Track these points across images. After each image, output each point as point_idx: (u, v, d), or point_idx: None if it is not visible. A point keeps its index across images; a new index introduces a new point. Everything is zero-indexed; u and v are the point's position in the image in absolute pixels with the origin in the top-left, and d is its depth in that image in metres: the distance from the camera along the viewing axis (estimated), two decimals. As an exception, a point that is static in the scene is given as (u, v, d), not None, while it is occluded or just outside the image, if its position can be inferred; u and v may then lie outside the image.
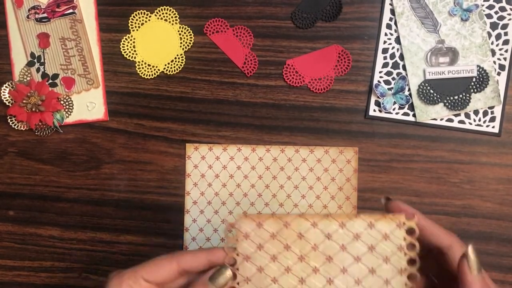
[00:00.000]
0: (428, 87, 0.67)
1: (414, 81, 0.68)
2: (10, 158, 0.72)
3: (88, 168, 0.71)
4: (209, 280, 0.41)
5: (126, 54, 0.70)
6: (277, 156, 0.69)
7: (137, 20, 0.70)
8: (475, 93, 0.67)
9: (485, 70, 0.67)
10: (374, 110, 0.68)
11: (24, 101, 0.69)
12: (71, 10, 0.70)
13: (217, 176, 0.70)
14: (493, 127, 0.67)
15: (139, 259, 0.70)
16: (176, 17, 0.70)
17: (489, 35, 0.67)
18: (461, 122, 0.68)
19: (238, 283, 0.40)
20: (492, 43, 0.67)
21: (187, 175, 0.70)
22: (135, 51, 0.70)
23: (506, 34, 0.67)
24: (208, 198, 0.70)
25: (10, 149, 0.72)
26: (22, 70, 0.71)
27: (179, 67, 0.70)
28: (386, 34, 0.68)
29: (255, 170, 0.69)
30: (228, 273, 0.40)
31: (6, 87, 0.71)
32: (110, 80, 0.71)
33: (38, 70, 0.70)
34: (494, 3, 0.67)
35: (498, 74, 0.67)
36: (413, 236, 0.39)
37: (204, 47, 0.70)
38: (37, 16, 0.70)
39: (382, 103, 0.68)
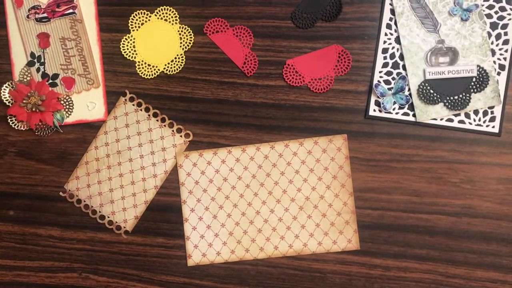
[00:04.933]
0: (428, 87, 0.67)
1: (414, 81, 0.68)
2: (10, 158, 0.72)
3: (88, 168, 0.71)
4: None
5: (126, 54, 0.70)
6: (268, 153, 0.69)
7: (137, 20, 0.70)
8: (475, 93, 0.67)
9: (485, 70, 0.67)
10: (374, 110, 0.68)
11: (24, 101, 0.69)
12: (71, 10, 0.70)
13: (211, 181, 0.70)
14: (493, 127, 0.67)
15: (139, 259, 0.71)
16: (176, 17, 0.70)
17: (489, 35, 0.67)
18: (461, 122, 0.68)
19: None
20: (492, 43, 0.67)
21: (181, 184, 0.70)
22: (135, 51, 0.71)
23: (506, 34, 0.67)
24: (205, 204, 0.70)
25: (10, 149, 0.72)
26: (22, 70, 0.71)
27: (179, 67, 0.70)
28: (386, 34, 0.68)
29: (248, 170, 0.69)
30: None
31: (6, 87, 0.71)
32: (110, 80, 0.71)
33: (38, 70, 0.70)
34: (494, 3, 0.67)
35: (498, 74, 0.67)
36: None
37: (204, 47, 0.70)
38: (37, 16, 0.70)
39: (382, 103, 0.68)
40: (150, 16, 0.70)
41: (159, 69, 0.70)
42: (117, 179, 0.69)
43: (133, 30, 0.71)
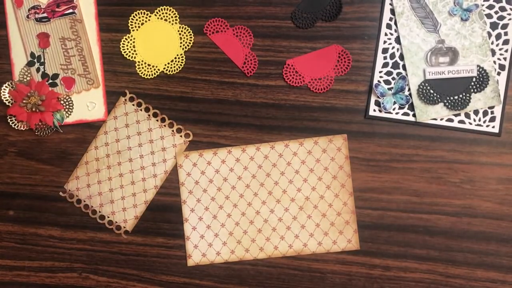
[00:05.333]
0: (428, 87, 0.67)
1: (414, 81, 0.68)
2: (10, 158, 0.72)
3: (88, 168, 0.71)
4: None
5: (126, 54, 0.70)
6: (268, 153, 0.69)
7: (137, 20, 0.70)
8: (475, 93, 0.67)
9: (485, 70, 0.67)
10: (374, 110, 0.68)
11: (24, 101, 0.69)
12: (71, 10, 0.70)
13: (211, 181, 0.70)
14: (493, 127, 0.67)
15: (139, 259, 0.71)
16: (176, 17, 0.70)
17: (489, 35, 0.67)
18: (461, 122, 0.68)
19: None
20: (492, 43, 0.67)
21: (181, 184, 0.70)
22: (135, 51, 0.71)
23: (506, 34, 0.67)
24: (205, 204, 0.70)
25: (10, 149, 0.72)
26: (22, 70, 0.71)
27: (179, 67, 0.70)
28: (386, 34, 0.68)
29: (248, 170, 0.69)
30: None
31: (6, 87, 0.71)
32: (110, 80, 0.71)
33: (38, 70, 0.70)
34: (494, 3, 0.67)
35: (498, 74, 0.67)
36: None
37: (204, 47, 0.70)
38: (37, 16, 0.70)
39: (382, 103, 0.68)
40: (150, 16, 0.70)
41: (159, 69, 0.70)
42: (117, 179, 0.70)
43: (133, 30, 0.71)
